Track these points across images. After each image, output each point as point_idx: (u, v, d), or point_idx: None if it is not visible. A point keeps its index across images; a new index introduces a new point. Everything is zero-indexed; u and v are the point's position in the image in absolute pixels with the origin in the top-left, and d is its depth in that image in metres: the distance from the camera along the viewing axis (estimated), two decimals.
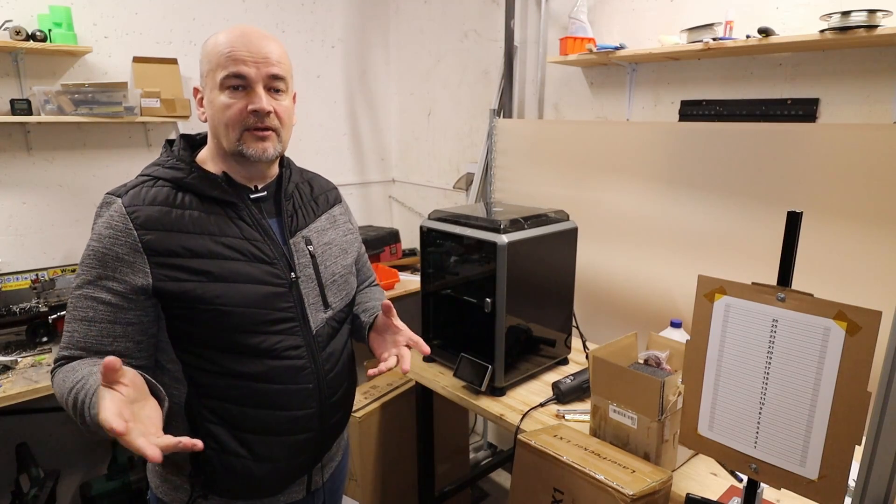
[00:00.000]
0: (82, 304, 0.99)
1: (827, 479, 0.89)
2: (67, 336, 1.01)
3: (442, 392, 1.77)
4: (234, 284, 1.01)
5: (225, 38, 1.02)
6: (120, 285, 0.98)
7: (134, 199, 1.01)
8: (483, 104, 2.80)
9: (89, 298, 0.99)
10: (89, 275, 0.99)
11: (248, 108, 1.01)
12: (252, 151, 1.04)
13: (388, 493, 2.25)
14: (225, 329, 1.02)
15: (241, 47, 1.00)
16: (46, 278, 2.17)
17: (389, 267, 2.90)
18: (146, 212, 1.00)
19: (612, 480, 1.12)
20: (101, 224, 1.00)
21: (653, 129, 2.00)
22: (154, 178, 1.05)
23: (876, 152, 1.45)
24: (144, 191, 1.03)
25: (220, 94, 1.02)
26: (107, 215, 1.00)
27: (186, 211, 1.02)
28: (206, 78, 1.04)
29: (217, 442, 1.04)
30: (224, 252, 1.02)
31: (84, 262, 1.00)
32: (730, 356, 0.99)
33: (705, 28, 1.78)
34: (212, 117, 1.05)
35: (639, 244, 2.02)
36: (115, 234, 0.98)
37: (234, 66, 1.00)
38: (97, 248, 0.99)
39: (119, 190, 1.03)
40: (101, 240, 0.99)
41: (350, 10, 3.14)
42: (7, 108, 2.12)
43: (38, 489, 2.10)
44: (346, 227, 1.27)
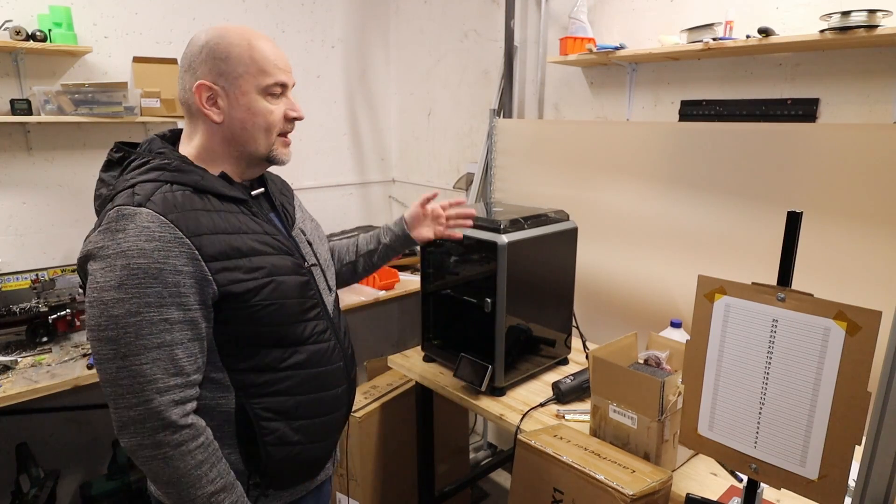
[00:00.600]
0: (151, 329, 0.90)
1: (827, 479, 0.89)
2: (158, 368, 0.90)
3: (442, 392, 1.76)
4: (279, 277, 1.04)
5: (266, 45, 1.03)
6: (189, 298, 0.93)
7: (167, 207, 0.93)
8: (483, 104, 2.80)
9: (159, 322, 0.90)
10: (147, 296, 0.90)
11: (289, 115, 1.07)
12: (282, 156, 1.09)
13: (388, 493, 2.25)
14: (274, 323, 1.04)
15: (279, 58, 1.05)
16: (46, 278, 2.17)
17: (389, 267, 2.89)
18: (187, 217, 0.94)
19: (612, 480, 1.12)
20: (138, 238, 0.90)
21: (653, 129, 2.00)
22: (169, 183, 0.97)
23: (876, 152, 1.45)
24: (170, 196, 0.95)
25: (260, 99, 1.03)
26: (136, 229, 0.90)
27: (214, 212, 0.99)
28: (238, 81, 1.02)
29: (276, 436, 1.06)
30: (261, 248, 1.03)
31: (127, 283, 0.89)
32: (730, 356, 0.99)
33: (705, 28, 1.78)
34: (242, 120, 1.03)
35: (639, 244, 2.02)
36: (165, 246, 0.91)
37: (280, 74, 1.04)
38: (146, 265, 0.89)
39: (134, 200, 0.93)
40: (147, 254, 0.89)
41: (350, 10, 3.14)
42: (7, 108, 2.12)
43: (38, 489, 2.10)
44: (311, 216, 1.32)
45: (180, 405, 0.93)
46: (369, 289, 2.71)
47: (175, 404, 0.92)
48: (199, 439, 0.95)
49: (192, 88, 1.02)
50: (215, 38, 1.02)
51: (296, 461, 1.09)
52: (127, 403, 0.91)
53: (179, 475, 0.93)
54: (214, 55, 1.01)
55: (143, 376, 0.90)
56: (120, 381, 0.91)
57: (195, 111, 1.05)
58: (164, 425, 0.91)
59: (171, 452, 0.92)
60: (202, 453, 0.95)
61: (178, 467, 0.93)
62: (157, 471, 0.93)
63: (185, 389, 0.94)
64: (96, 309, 0.90)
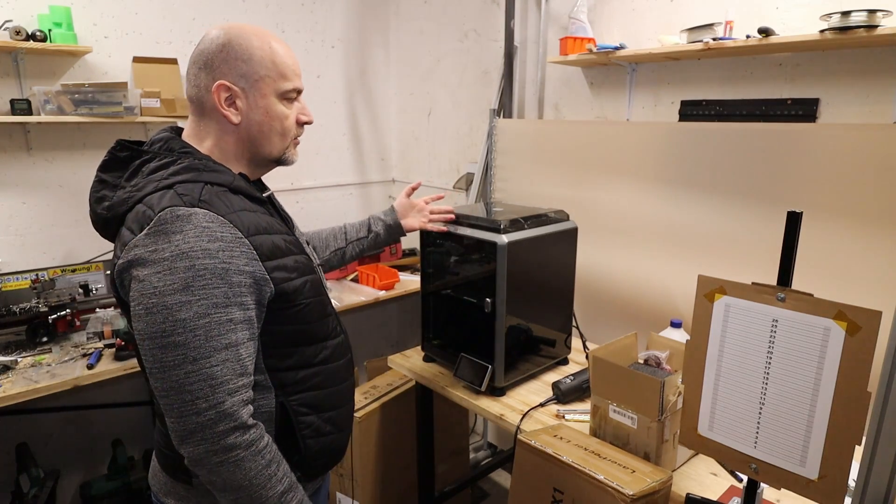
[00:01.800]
0: (219, 330, 0.89)
1: (827, 479, 0.89)
2: (228, 369, 0.89)
3: (442, 392, 1.77)
4: (309, 276, 1.06)
5: (282, 49, 1.04)
6: (248, 298, 0.93)
7: (220, 207, 0.93)
8: (483, 104, 2.80)
9: (225, 323, 0.90)
10: (215, 297, 0.89)
11: (300, 119, 1.09)
12: (293, 157, 1.12)
13: (388, 493, 2.25)
14: (310, 320, 1.07)
15: (295, 62, 1.06)
16: (46, 278, 2.17)
17: (389, 267, 2.90)
18: (240, 217, 0.95)
19: (612, 480, 1.12)
20: (200, 238, 0.88)
21: (653, 129, 2.00)
22: (209, 184, 0.96)
23: (876, 152, 1.45)
24: (218, 197, 0.95)
25: (278, 103, 1.04)
26: (196, 228, 0.89)
27: (252, 212, 1.00)
28: (259, 84, 1.01)
29: (312, 429, 1.08)
30: (290, 248, 1.05)
31: (193, 284, 0.87)
32: (730, 356, 0.99)
33: (705, 28, 1.78)
34: (259, 122, 1.03)
35: (639, 244, 2.02)
36: (228, 246, 0.91)
37: (297, 80, 1.06)
38: (212, 266, 0.88)
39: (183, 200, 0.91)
40: (213, 255, 0.88)
41: (350, 10, 3.14)
42: (7, 108, 2.13)
43: (38, 489, 2.10)
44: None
45: (247, 405, 0.93)
46: (369, 289, 2.71)
47: (244, 404, 0.92)
48: (265, 438, 0.95)
49: (210, 87, 1.00)
50: (237, 39, 1.01)
51: (328, 450, 1.13)
52: (196, 409, 0.88)
53: (251, 477, 0.92)
54: (237, 55, 1.00)
55: (215, 378, 0.88)
56: (188, 387, 0.88)
57: (210, 110, 1.03)
58: (236, 427, 0.90)
59: (244, 454, 0.91)
60: (269, 452, 0.95)
61: (250, 468, 0.91)
62: (228, 476, 0.90)
63: (249, 389, 0.94)
64: (158, 315, 0.87)
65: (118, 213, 0.97)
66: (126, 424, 2.58)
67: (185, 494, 1.09)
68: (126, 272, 0.91)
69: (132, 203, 0.95)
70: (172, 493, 1.11)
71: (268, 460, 0.94)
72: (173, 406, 0.89)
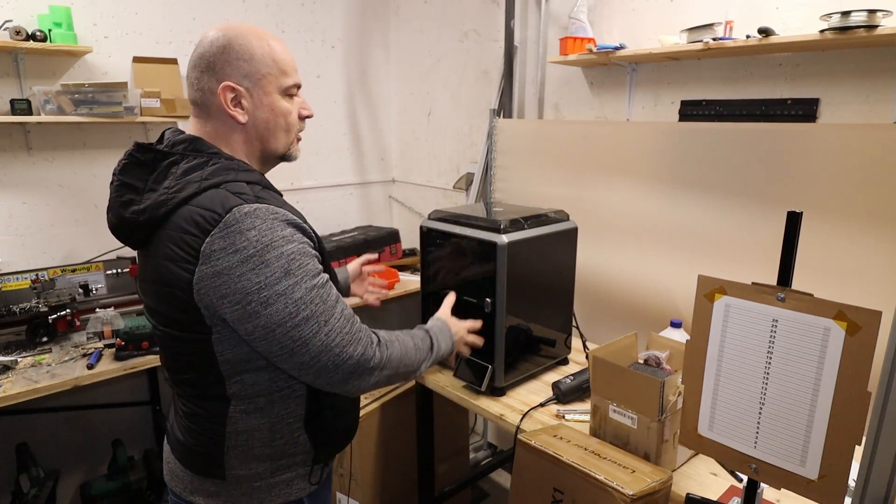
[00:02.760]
0: (327, 292, 1.01)
1: (827, 479, 0.89)
2: (344, 320, 1.02)
3: (442, 392, 1.77)
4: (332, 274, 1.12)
5: (278, 45, 1.06)
6: (322, 267, 1.04)
7: (273, 201, 0.99)
8: (483, 104, 2.80)
9: (325, 285, 1.01)
10: (309, 271, 0.98)
11: (301, 113, 1.12)
12: (297, 153, 1.15)
13: (388, 493, 2.25)
14: None
15: (292, 58, 1.09)
16: (46, 278, 2.17)
17: (389, 267, 2.90)
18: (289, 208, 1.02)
19: (612, 480, 1.12)
20: (272, 230, 0.94)
21: (653, 129, 2.00)
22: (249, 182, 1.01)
23: (876, 152, 1.45)
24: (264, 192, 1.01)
25: (281, 100, 1.07)
26: (265, 223, 0.94)
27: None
28: (262, 81, 1.04)
29: (334, 409, 1.15)
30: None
31: (292, 268, 0.95)
32: (730, 356, 0.99)
33: (705, 28, 1.78)
34: (266, 120, 1.06)
35: (639, 244, 2.02)
36: (296, 231, 0.99)
37: (296, 76, 1.09)
38: (295, 248, 0.97)
39: (243, 199, 0.95)
40: (290, 240, 0.96)
41: (350, 10, 3.14)
42: (7, 108, 2.13)
43: (38, 489, 2.10)
44: None
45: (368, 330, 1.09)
46: None
47: (367, 330, 1.08)
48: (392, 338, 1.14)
49: (214, 90, 1.02)
50: (237, 39, 1.02)
51: (348, 430, 1.22)
52: (347, 355, 1.01)
53: (406, 362, 1.15)
54: (238, 56, 1.01)
55: (344, 328, 1.02)
56: (333, 343, 0.99)
57: (216, 112, 1.04)
58: (377, 344, 1.08)
59: (391, 355, 1.11)
60: (401, 340, 1.16)
61: (401, 357, 1.13)
62: (393, 370, 1.11)
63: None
64: (277, 304, 0.94)
65: (156, 215, 0.97)
66: (126, 424, 2.58)
67: (215, 490, 1.10)
68: (211, 279, 0.94)
69: (173, 205, 0.96)
70: (201, 490, 1.12)
71: (406, 344, 1.16)
72: (327, 365, 1.00)
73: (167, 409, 1.33)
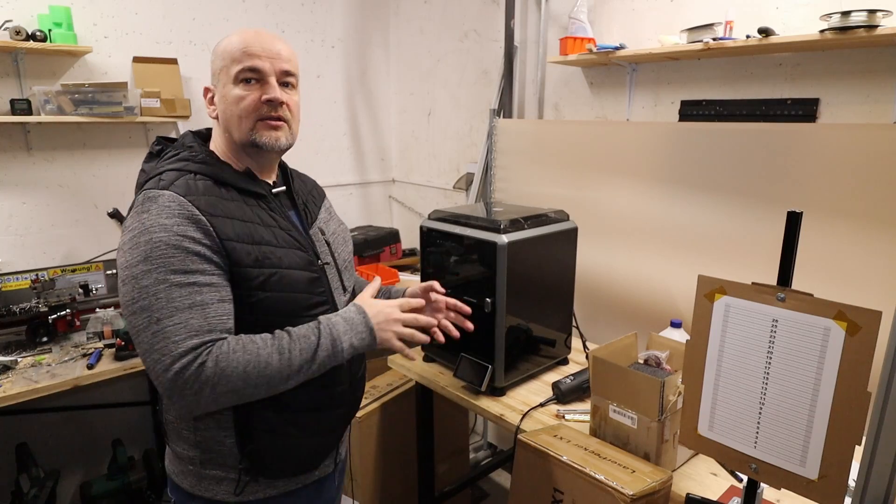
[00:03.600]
0: (180, 293, 0.95)
1: (827, 479, 0.88)
2: (180, 327, 0.93)
3: (442, 392, 1.76)
4: (286, 270, 1.07)
5: (238, 37, 1.08)
6: (208, 265, 0.98)
7: (187, 190, 1.01)
8: (483, 104, 2.80)
9: (186, 286, 0.95)
10: (171, 265, 0.95)
11: (262, 98, 1.06)
12: (265, 140, 1.08)
13: (388, 493, 2.25)
14: (276, 313, 1.06)
15: (256, 44, 1.06)
16: (46, 278, 2.17)
17: (389, 267, 2.90)
18: (204, 200, 1.01)
19: (612, 480, 1.12)
20: (159, 215, 0.97)
21: (653, 129, 2.00)
22: (192, 172, 1.05)
23: (876, 152, 1.45)
24: (192, 182, 1.03)
25: (234, 88, 1.06)
26: (158, 208, 0.97)
27: (232, 202, 1.06)
28: (220, 75, 1.08)
29: (269, 424, 1.08)
30: (273, 240, 1.07)
31: (152, 256, 0.95)
32: (730, 356, 0.98)
33: (705, 28, 1.78)
34: (224, 111, 1.09)
35: (639, 244, 2.02)
36: (183, 221, 0.97)
37: (249, 60, 1.05)
38: (167, 238, 0.96)
39: (158, 185, 1.01)
40: (168, 229, 0.96)
41: (350, 10, 3.14)
42: (7, 108, 2.13)
43: (38, 489, 2.10)
44: (338, 219, 1.36)
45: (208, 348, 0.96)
46: None
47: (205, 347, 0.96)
48: (230, 346, 0.97)
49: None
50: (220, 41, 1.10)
51: (287, 452, 1.12)
52: (163, 367, 0.93)
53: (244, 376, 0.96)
54: (212, 57, 1.10)
55: (178, 335, 0.94)
56: (155, 350, 0.94)
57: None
58: (200, 363, 0.94)
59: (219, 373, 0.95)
60: (240, 353, 0.97)
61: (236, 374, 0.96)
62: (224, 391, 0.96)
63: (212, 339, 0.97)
64: (128, 285, 0.96)
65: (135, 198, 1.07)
66: (126, 424, 2.58)
67: (171, 458, 1.16)
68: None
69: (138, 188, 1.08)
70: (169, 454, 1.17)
71: (257, 353, 0.98)
72: (151, 368, 0.95)
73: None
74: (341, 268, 1.23)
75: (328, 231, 1.25)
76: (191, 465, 1.11)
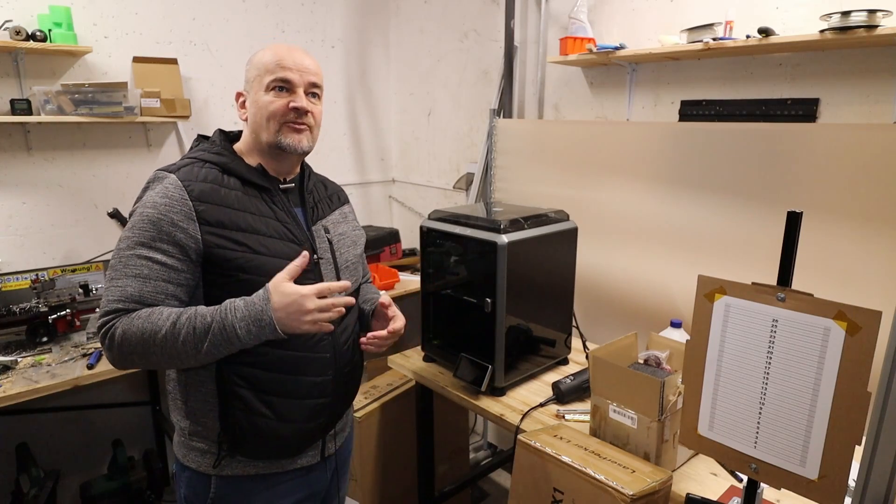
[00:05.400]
0: (135, 262, 1.08)
1: (827, 479, 0.89)
2: (118, 290, 1.07)
3: (442, 392, 1.77)
4: (270, 258, 1.14)
5: (272, 51, 1.20)
6: (173, 248, 1.08)
7: (188, 175, 1.13)
8: (483, 104, 2.80)
9: (143, 258, 1.08)
10: (143, 237, 1.08)
11: (290, 105, 1.18)
12: (289, 142, 1.19)
13: (388, 493, 2.25)
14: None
15: (288, 58, 1.19)
16: (46, 278, 2.17)
17: (389, 267, 2.90)
18: (199, 186, 1.12)
19: (612, 480, 1.12)
20: (156, 194, 1.10)
21: (653, 129, 2.00)
22: (202, 161, 1.17)
23: (876, 152, 1.45)
24: (195, 169, 1.15)
25: (265, 95, 1.18)
26: (160, 187, 1.11)
27: (232, 191, 1.15)
28: (253, 83, 1.20)
29: (244, 403, 1.15)
30: (262, 229, 1.15)
31: (135, 226, 1.09)
32: (730, 356, 0.99)
33: (705, 28, 1.78)
34: (254, 114, 1.20)
35: (639, 244, 2.02)
36: (171, 203, 1.09)
37: (282, 72, 1.18)
38: (152, 214, 1.08)
39: (170, 168, 1.15)
40: (157, 207, 1.09)
41: (350, 10, 3.14)
42: (7, 108, 2.13)
43: (38, 489, 2.10)
44: (354, 224, 1.42)
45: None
46: None
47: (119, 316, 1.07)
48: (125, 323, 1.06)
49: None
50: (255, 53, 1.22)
51: (262, 433, 1.17)
52: (97, 317, 1.10)
53: (159, 341, 1.05)
54: (247, 66, 1.23)
55: (115, 295, 1.07)
56: (107, 294, 1.08)
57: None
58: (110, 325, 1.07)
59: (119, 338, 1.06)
60: (137, 324, 1.05)
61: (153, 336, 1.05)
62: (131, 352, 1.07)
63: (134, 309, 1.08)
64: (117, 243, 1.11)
65: None
66: (126, 424, 2.58)
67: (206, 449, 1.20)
68: None
69: None
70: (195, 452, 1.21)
71: (140, 324, 1.05)
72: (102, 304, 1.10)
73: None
74: (340, 267, 1.29)
75: (335, 231, 1.31)
76: (182, 435, 1.21)
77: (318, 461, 1.29)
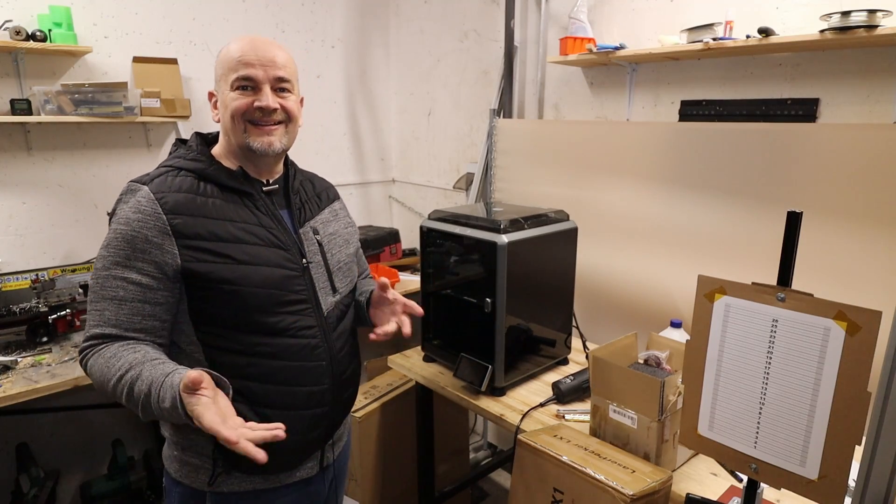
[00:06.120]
0: (111, 283, 1.04)
1: (827, 479, 0.88)
2: (97, 314, 1.05)
3: (442, 392, 1.77)
4: (255, 267, 1.09)
5: (236, 45, 1.13)
6: (149, 266, 1.05)
7: (161, 186, 1.08)
8: (483, 104, 2.80)
9: (119, 279, 1.04)
10: (118, 256, 1.04)
11: (254, 104, 1.11)
12: (258, 145, 1.13)
13: (388, 493, 2.25)
14: (245, 309, 1.09)
15: (251, 53, 1.11)
16: (46, 278, 2.17)
17: (389, 267, 2.90)
18: (174, 198, 1.07)
19: (612, 480, 1.12)
20: (128, 209, 1.06)
21: (653, 129, 2.00)
22: (177, 169, 1.12)
23: (876, 152, 1.45)
24: (170, 179, 1.10)
25: (230, 94, 1.12)
26: (133, 201, 1.06)
27: (209, 199, 1.10)
28: (220, 82, 1.15)
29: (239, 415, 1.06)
30: (244, 237, 1.10)
31: (110, 244, 1.05)
32: (730, 356, 0.98)
33: (705, 28, 1.78)
34: (222, 115, 1.15)
35: (639, 244, 2.02)
36: (144, 218, 1.04)
37: (244, 69, 1.11)
38: (125, 231, 1.04)
39: (143, 178, 1.10)
40: (130, 223, 1.04)
41: (350, 10, 3.14)
42: (7, 108, 2.12)
43: (38, 489, 2.10)
44: (346, 221, 1.37)
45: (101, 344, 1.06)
46: None
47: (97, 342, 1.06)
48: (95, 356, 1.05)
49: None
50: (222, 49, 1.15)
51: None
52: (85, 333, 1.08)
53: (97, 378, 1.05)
54: (215, 64, 1.16)
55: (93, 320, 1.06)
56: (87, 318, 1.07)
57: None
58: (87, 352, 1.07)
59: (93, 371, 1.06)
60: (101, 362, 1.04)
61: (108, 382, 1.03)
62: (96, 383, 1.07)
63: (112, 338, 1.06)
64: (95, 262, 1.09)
65: None
66: (126, 424, 2.58)
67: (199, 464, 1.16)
68: None
69: None
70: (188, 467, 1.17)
71: (103, 363, 1.04)
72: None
73: None
74: (332, 269, 1.24)
75: (324, 231, 1.26)
76: (175, 450, 1.16)
77: (317, 472, 1.25)
